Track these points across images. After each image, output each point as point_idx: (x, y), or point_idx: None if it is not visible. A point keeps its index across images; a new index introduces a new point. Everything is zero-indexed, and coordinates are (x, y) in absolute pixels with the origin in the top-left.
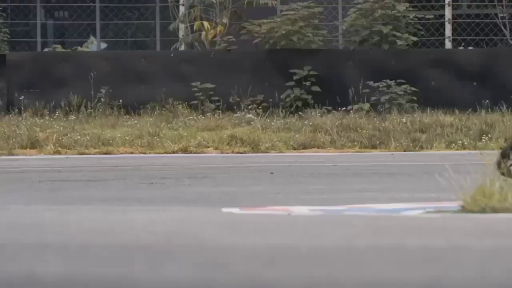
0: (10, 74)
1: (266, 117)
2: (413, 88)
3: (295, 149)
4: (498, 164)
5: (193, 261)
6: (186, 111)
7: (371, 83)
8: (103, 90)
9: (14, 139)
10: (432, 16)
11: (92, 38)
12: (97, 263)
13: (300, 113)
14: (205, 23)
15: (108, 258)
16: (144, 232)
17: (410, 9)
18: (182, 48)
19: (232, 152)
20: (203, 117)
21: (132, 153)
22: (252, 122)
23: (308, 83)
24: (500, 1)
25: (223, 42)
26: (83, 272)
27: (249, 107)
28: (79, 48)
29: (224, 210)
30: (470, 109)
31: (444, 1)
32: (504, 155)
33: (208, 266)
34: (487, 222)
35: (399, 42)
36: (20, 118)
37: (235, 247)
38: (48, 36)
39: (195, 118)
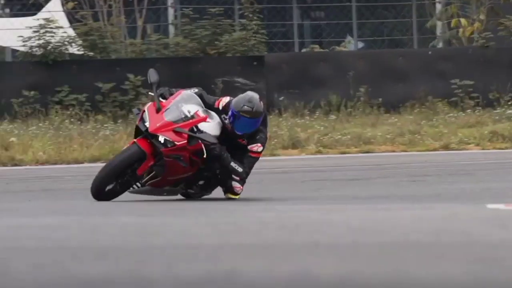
0: (269, 75)
1: None
2: None
3: None
4: None
5: (464, 258)
6: (445, 108)
7: None
8: (361, 89)
9: (276, 140)
10: None
11: (349, 37)
12: (367, 262)
13: None
14: (462, 20)
15: (378, 257)
16: (411, 230)
17: None
18: (440, 45)
19: (493, 148)
20: (463, 114)
21: (393, 151)
22: None
23: None
24: None
25: (481, 39)
26: (355, 272)
27: (509, 103)
28: (336, 47)
29: (489, 206)
30: None
31: None
32: None
33: (479, 263)
34: None
35: None
36: (281, 119)
37: (504, 244)
38: (305, 37)
39: (454, 115)
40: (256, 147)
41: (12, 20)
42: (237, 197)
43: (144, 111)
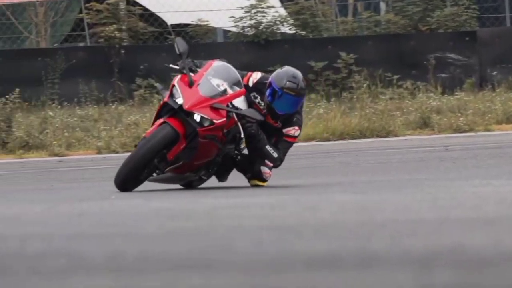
0: (481, 50)
1: None
2: None
3: None
4: None
5: None
6: None
7: None
8: None
9: (489, 115)
10: None
11: None
12: None
13: None
14: None
15: None
16: None
17: None
18: None
19: None
20: None
21: None
22: None
23: None
24: None
25: None
26: None
27: None
28: None
29: None
30: None
31: None
32: None
33: None
34: None
35: None
36: (494, 94)
37: None
38: None
39: None
40: (293, 130)
41: (223, 0)
42: (265, 184)
43: (173, 85)
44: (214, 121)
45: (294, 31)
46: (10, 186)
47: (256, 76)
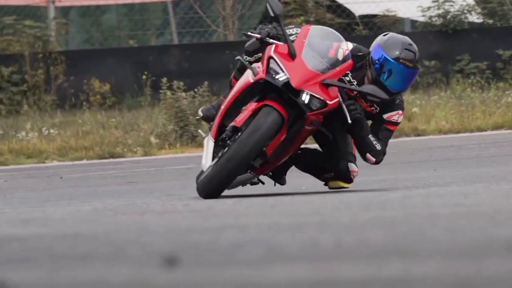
0: None
1: None
2: None
3: None
4: None
5: None
6: None
7: None
8: None
9: None
10: None
11: None
12: None
13: None
14: None
15: None
16: None
17: None
18: None
19: None
20: None
21: None
22: None
23: None
24: None
25: None
26: None
27: None
28: None
29: None
30: None
31: None
32: None
33: None
34: None
35: None
36: None
37: None
38: None
39: None
40: (397, 115)
41: None
42: (349, 186)
43: (269, 57)
44: (327, 102)
45: (481, 20)
46: None
47: (345, 46)
